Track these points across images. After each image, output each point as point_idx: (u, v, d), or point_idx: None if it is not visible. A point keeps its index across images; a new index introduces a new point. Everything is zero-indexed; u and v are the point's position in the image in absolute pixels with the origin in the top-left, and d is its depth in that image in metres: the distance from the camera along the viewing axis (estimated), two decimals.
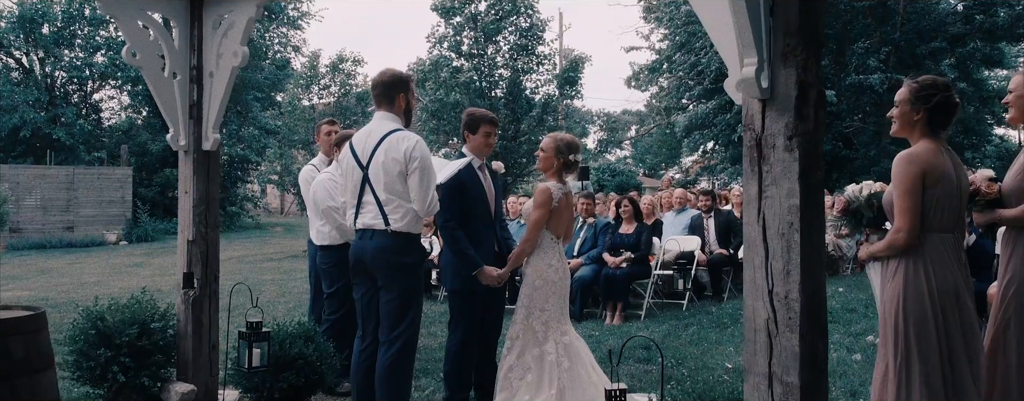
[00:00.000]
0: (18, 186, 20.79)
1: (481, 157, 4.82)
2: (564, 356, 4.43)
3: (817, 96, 2.68)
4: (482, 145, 4.80)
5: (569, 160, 4.56)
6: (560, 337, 4.49)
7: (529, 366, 4.44)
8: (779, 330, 2.66)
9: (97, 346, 4.72)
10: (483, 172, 4.80)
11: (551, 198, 4.51)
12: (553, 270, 4.55)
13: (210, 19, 4.83)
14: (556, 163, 4.59)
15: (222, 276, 13.18)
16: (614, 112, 56.82)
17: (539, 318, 4.51)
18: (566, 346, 4.48)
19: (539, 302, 4.51)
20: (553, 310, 4.52)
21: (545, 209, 4.52)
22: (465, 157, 4.78)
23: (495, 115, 5.00)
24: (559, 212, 4.58)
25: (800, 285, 2.63)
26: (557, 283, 4.55)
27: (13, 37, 24.15)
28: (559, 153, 4.56)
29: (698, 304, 8.63)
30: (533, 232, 4.54)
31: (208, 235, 4.99)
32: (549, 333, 4.49)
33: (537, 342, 4.49)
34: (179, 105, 4.88)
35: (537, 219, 4.53)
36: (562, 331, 4.52)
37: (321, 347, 4.92)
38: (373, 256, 4.03)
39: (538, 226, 4.53)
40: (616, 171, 32.42)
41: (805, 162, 2.65)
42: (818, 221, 2.71)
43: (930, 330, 3.35)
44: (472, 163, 4.73)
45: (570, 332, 4.59)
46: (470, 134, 4.82)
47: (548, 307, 4.52)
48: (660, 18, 28.84)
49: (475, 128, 4.80)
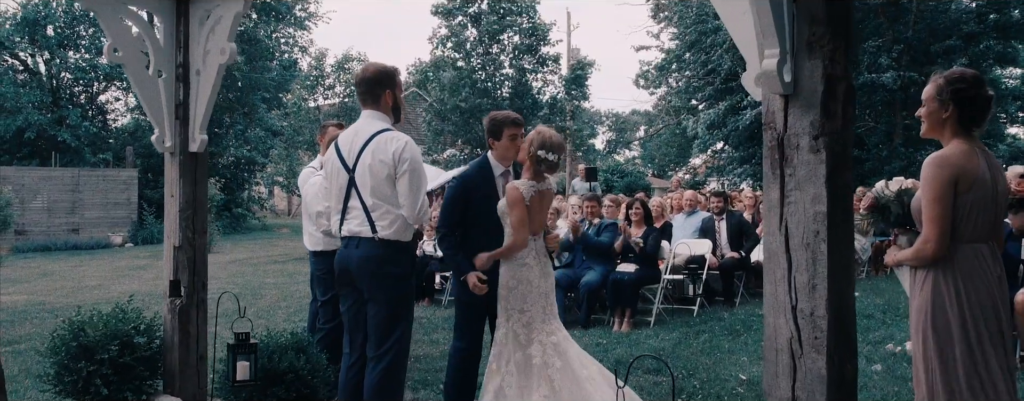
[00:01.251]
0: (23, 188, 20.66)
1: (506, 164, 4.53)
2: (553, 356, 4.18)
3: (846, 91, 2.43)
4: (508, 150, 4.48)
5: (538, 156, 4.23)
6: (545, 338, 4.23)
7: (512, 372, 4.20)
8: (804, 351, 2.41)
9: (78, 359, 4.50)
10: (505, 179, 4.49)
11: (521, 196, 4.23)
12: (528, 269, 4.28)
13: (197, 14, 4.60)
14: (529, 157, 4.28)
15: (224, 278, 13.04)
16: (623, 112, 56.50)
17: (519, 320, 4.25)
18: (555, 345, 4.22)
19: (516, 303, 4.26)
20: (534, 310, 4.26)
21: (521, 206, 4.22)
22: (485, 162, 4.53)
23: (519, 115, 4.67)
24: (532, 209, 4.30)
25: (827, 301, 2.38)
26: (534, 282, 4.28)
27: (17, 38, 24.05)
28: (531, 146, 4.27)
29: (709, 310, 8.35)
30: (521, 230, 4.24)
31: (195, 241, 4.75)
32: (533, 335, 4.23)
33: (520, 345, 4.24)
34: (164, 104, 4.65)
35: (519, 217, 4.23)
36: (548, 331, 4.26)
37: (314, 359, 4.67)
38: (359, 266, 3.78)
39: (523, 223, 4.24)
40: (624, 172, 32.09)
41: (833, 164, 2.40)
42: (847, 230, 2.46)
43: (961, 349, 3.07)
44: (493, 169, 4.47)
45: (558, 332, 4.32)
46: (494, 140, 4.50)
47: (528, 307, 4.25)
48: (669, 17, 28.58)
49: (499, 133, 4.48)
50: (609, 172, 31.24)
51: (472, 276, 4.28)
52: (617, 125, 56.71)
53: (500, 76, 27.64)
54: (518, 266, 4.28)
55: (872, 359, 5.88)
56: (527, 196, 4.24)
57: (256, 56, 27.49)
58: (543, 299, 4.30)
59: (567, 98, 28.77)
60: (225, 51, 4.45)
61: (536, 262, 4.32)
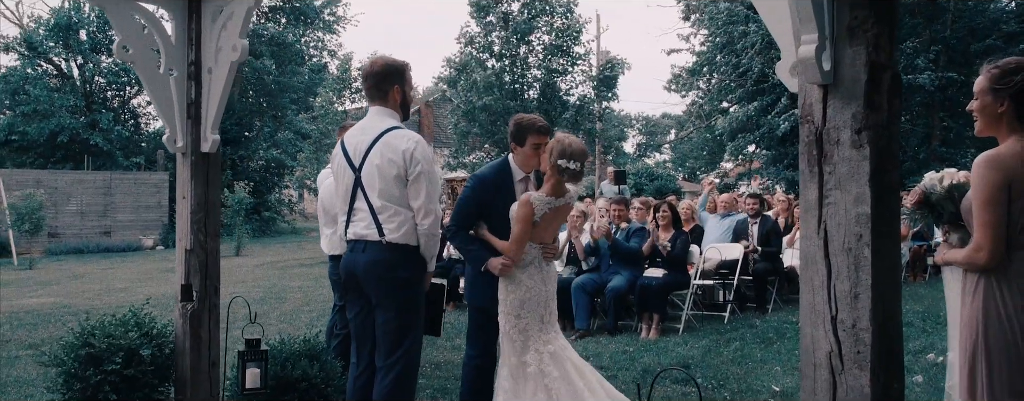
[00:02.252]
0: (56, 191, 20.89)
1: (527, 169, 4.33)
2: (550, 365, 3.99)
3: (891, 81, 2.21)
4: (530, 158, 4.27)
5: (559, 165, 3.99)
6: (542, 346, 4.04)
7: (506, 376, 4.04)
8: (845, 366, 2.19)
9: (86, 367, 4.38)
10: (525, 185, 4.31)
11: (532, 212, 4.02)
12: (527, 275, 4.10)
13: (208, 11, 4.47)
14: (550, 167, 4.05)
15: (250, 282, 12.98)
16: (653, 116, 56.08)
17: (516, 326, 4.07)
18: (551, 355, 4.03)
19: (513, 308, 4.08)
20: (531, 318, 4.07)
21: (525, 224, 4.03)
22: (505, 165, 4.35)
23: (545, 123, 4.43)
24: (542, 224, 4.10)
25: (871, 312, 2.15)
26: (533, 289, 4.09)
27: (51, 43, 24.36)
28: (551, 155, 4.04)
29: (741, 317, 8.08)
30: (517, 247, 4.05)
31: (207, 244, 4.62)
32: (529, 342, 4.05)
33: (516, 351, 4.06)
34: (176, 104, 4.52)
35: (519, 234, 4.04)
36: (545, 340, 4.07)
37: (327, 366, 4.51)
38: (366, 271, 3.59)
39: (521, 241, 4.05)
40: (654, 175, 31.75)
41: (877, 161, 2.18)
42: (893, 233, 2.23)
43: (1014, 361, 2.81)
44: (512, 174, 4.29)
45: (556, 341, 4.13)
46: (517, 146, 4.30)
47: (524, 314, 4.06)
48: (700, 19, 28.22)
49: (522, 139, 4.27)
50: (638, 175, 30.93)
51: (495, 260, 4.10)
52: (647, 128, 56.30)
53: (529, 78, 27.46)
54: (518, 271, 4.11)
55: (912, 370, 5.59)
56: (538, 213, 4.04)
57: (285, 60, 27.62)
58: (541, 307, 4.11)
59: (595, 98, 28.47)
60: (237, 48, 4.31)
61: (537, 269, 4.14)
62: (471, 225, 4.26)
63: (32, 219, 17.28)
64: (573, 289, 7.47)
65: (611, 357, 6.31)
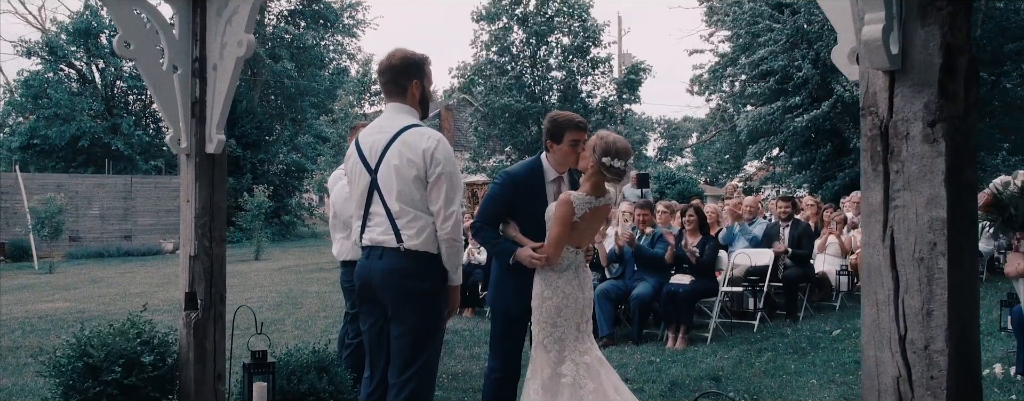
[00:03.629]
0: (77, 195, 20.91)
1: (561, 169, 4.08)
2: (586, 377, 3.76)
3: (968, 66, 1.93)
4: (568, 156, 4.02)
5: (603, 164, 3.76)
6: (578, 357, 3.81)
7: (537, 389, 3.80)
8: (915, 394, 1.91)
9: (85, 378, 4.16)
10: (557, 185, 4.06)
11: (572, 212, 3.79)
12: (565, 280, 3.86)
13: (213, 5, 4.24)
14: (592, 165, 3.82)
15: (267, 287, 12.80)
16: (675, 119, 55.56)
17: (551, 335, 3.83)
18: (587, 366, 3.80)
19: (549, 316, 3.84)
20: (567, 326, 3.83)
21: (565, 225, 3.79)
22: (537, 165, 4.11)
23: (583, 119, 4.19)
24: (581, 225, 3.87)
25: (947, 331, 1.87)
26: (570, 295, 3.85)
27: (73, 48, 24.43)
28: (594, 153, 3.80)
29: (771, 325, 7.76)
30: (554, 250, 3.82)
31: (213, 250, 4.39)
32: (565, 353, 3.81)
33: (550, 362, 3.82)
34: (180, 102, 4.30)
35: (557, 235, 3.80)
36: (581, 350, 3.84)
37: (337, 379, 4.27)
38: (382, 279, 3.32)
39: (559, 244, 3.82)
40: (677, 178, 31.31)
41: (953, 158, 1.90)
42: (970, 240, 1.95)
43: None
44: (545, 174, 4.04)
45: (592, 351, 3.90)
46: (553, 143, 4.04)
47: (560, 322, 3.83)
48: (722, 19, 27.84)
49: (559, 136, 4.01)
50: (661, 179, 30.51)
51: (524, 250, 3.86)
52: (669, 132, 55.78)
53: (549, 80, 27.19)
54: (556, 276, 3.86)
55: None
56: (578, 213, 3.81)
57: (305, 63, 27.54)
58: (578, 315, 3.87)
59: (619, 101, 28.15)
60: (242, 43, 4.08)
61: (575, 275, 3.90)
62: (498, 223, 4.02)
63: (52, 223, 17.24)
64: (596, 296, 7.17)
65: (637, 368, 6.02)
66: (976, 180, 1.99)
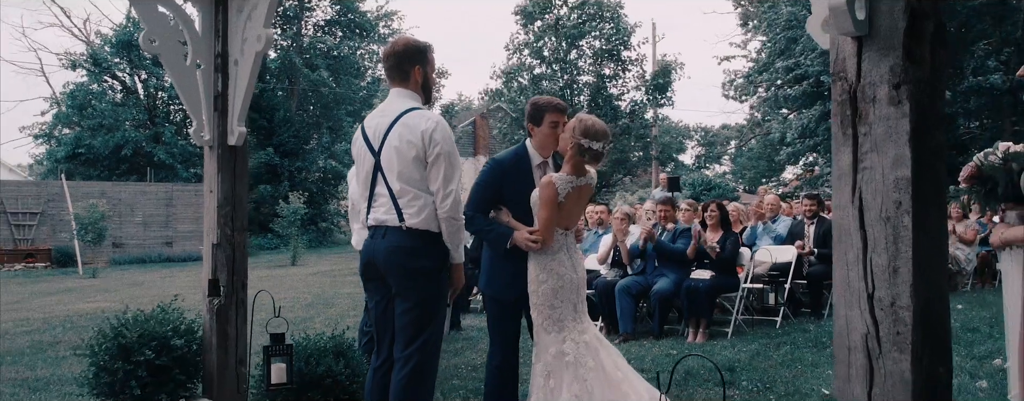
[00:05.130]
0: (120, 203, 21.46)
1: (545, 153, 4.15)
2: (586, 355, 3.85)
3: (935, 30, 1.98)
4: (548, 138, 4.10)
5: (581, 145, 3.85)
6: (578, 336, 3.90)
7: (541, 372, 3.89)
8: (882, 349, 1.95)
9: (116, 359, 4.35)
10: (543, 170, 4.13)
11: (556, 193, 3.88)
12: (559, 263, 3.94)
13: (235, 2, 4.41)
14: (571, 146, 3.90)
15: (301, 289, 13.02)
16: (712, 127, 55.13)
17: (550, 316, 3.92)
18: (587, 344, 3.89)
19: (546, 298, 3.93)
20: (564, 307, 3.93)
21: (551, 207, 3.88)
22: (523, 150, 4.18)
23: (563, 102, 4.29)
24: (567, 206, 3.95)
25: (912, 287, 1.92)
26: (565, 277, 3.93)
27: (116, 60, 25.11)
28: (573, 134, 3.89)
29: (794, 322, 7.72)
30: (547, 232, 3.90)
31: (234, 238, 4.55)
32: (565, 332, 3.91)
33: (553, 342, 3.91)
34: (203, 96, 4.48)
35: (546, 218, 3.89)
36: (580, 330, 3.94)
37: (354, 363, 4.39)
38: (385, 258, 3.43)
39: (549, 225, 3.90)
40: (712, 184, 31.12)
41: (918, 119, 1.94)
42: (936, 200, 1.99)
43: None
44: (530, 159, 4.11)
45: (590, 331, 4.00)
46: (534, 126, 4.13)
47: (557, 303, 3.92)
48: (758, 25, 27.69)
49: (539, 119, 4.09)
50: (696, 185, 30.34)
51: (519, 234, 3.94)
52: (706, 139, 55.36)
53: (580, 84, 27.26)
54: (549, 259, 3.95)
55: (977, 375, 5.22)
56: (562, 193, 3.90)
57: (342, 72, 27.96)
58: (574, 294, 3.97)
59: (650, 101, 28.07)
60: (261, 38, 4.24)
61: (567, 256, 3.99)
62: (488, 210, 4.11)
63: (94, 229, 17.72)
64: (617, 292, 7.24)
65: (653, 360, 6.06)
66: (944, 143, 2.04)
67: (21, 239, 20.15)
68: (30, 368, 6.47)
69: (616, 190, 29.16)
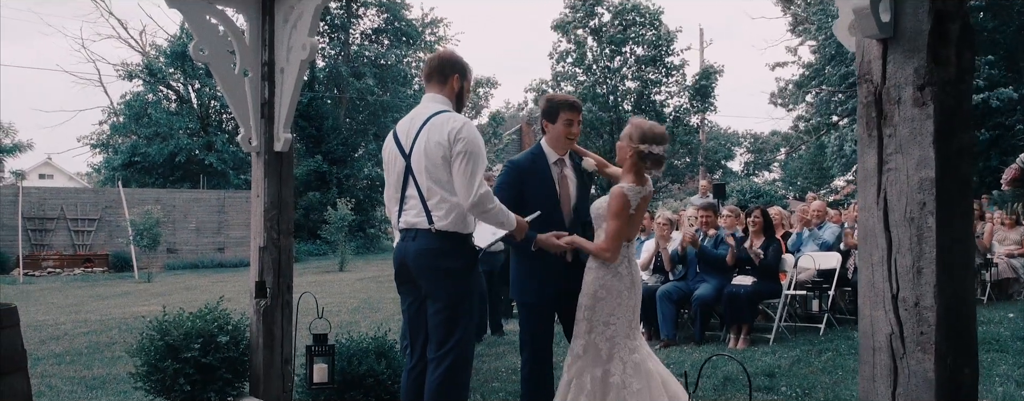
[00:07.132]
0: (174, 209, 22.00)
1: (560, 151, 4.14)
2: (632, 376, 3.75)
3: (961, 32, 1.99)
4: (562, 136, 4.08)
5: (641, 151, 3.80)
6: (627, 355, 3.80)
7: (585, 387, 3.79)
8: (906, 349, 1.97)
9: (165, 357, 4.51)
10: (560, 168, 4.13)
11: (628, 204, 3.82)
12: (619, 279, 3.86)
13: (280, 12, 4.57)
14: (630, 154, 3.85)
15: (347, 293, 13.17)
16: (761, 134, 54.41)
17: (602, 333, 3.83)
18: (635, 365, 3.79)
19: (602, 315, 3.84)
20: (620, 324, 3.83)
21: (623, 219, 3.82)
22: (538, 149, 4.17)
23: (578, 100, 4.28)
24: (636, 217, 3.90)
25: (936, 288, 1.93)
26: (624, 293, 3.86)
27: (171, 70, 25.81)
28: (631, 141, 3.84)
29: (838, 329, 7.62)
30: (615, 244, 3.83)
31: (280, 242, 4.69)
32: (614, 351, 3.81)
33: (600, 361, 3.82)
34: (250, 103, 4.63)
35: (616, 229, 3.81)
36: (630, 348, 3.83)
37: (394, 363, 4.49)
38: (415, 260, 3.49)
39: (619, 238, 3.83)
40: (760, 192, 30.74)
41: (942, 121, 1.96)
42: (962, 201, 2.00)
43: None
44: (547, 157, 4.10)
45: (641, 349, 3.89)
46: (549, 123, 4.12)
47: (613, 321, 3.83)
48: (808, 30, 27.30)
49: (554, 116, 4.08)
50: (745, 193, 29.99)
51: (544, 236, 3.85)
52: (755, 146, 54.66)
53: (622, 90, 27.21)
54: (609, 275, 3.86)
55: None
56: (633, 203, 3.84)
57: (388, 80, 28.30)
58: (630, 312, 3.88)
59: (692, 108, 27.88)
60: (306, 47, 4.38)
61: (627, 272, 3.90)
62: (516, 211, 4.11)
63: (149, 234, 18.21)
64: (658, 297, 7.23)
65: (693, 365, 6.04)
66: (971, 144, 2.04)
67: (80, 245, 20.83)
68: (87, 367, 6.71)
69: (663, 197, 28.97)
